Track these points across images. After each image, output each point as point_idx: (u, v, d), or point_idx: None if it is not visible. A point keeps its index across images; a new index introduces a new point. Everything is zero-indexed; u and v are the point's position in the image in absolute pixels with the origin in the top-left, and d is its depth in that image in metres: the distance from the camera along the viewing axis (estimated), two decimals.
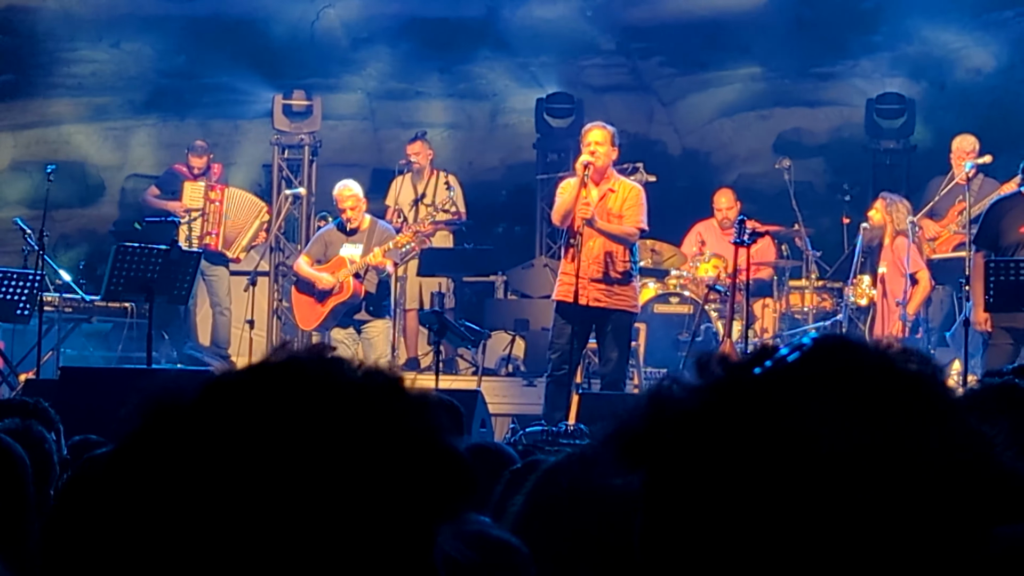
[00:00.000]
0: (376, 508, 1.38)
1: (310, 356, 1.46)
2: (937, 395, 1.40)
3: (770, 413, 1.36)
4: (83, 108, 19.11)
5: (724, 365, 1.42)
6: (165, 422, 1.41)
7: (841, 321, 14.56)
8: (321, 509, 1.36)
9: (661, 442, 1.39)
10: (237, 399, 1.41)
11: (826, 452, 1.33)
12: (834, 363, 1.39)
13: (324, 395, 1.41)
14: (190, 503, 1.36)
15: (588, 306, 11.52)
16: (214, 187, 15.83)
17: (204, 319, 16.03)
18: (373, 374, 1.45)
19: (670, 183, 16.67)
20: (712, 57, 18.85)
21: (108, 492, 1.41)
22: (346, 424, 1.39)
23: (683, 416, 1.39)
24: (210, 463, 1.37)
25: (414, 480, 1.40)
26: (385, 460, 1.39)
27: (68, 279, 14.78)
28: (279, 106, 16.87)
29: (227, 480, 1.36)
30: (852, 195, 16.09)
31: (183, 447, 1.39)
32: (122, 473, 1.41)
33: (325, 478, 1.36)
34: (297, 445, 1.37)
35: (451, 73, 19.30)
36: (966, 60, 18.14)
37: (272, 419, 1.38)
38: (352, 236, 14.00)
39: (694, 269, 14.54)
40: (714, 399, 1.39)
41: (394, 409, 1.43)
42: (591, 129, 11.86)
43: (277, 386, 1.42)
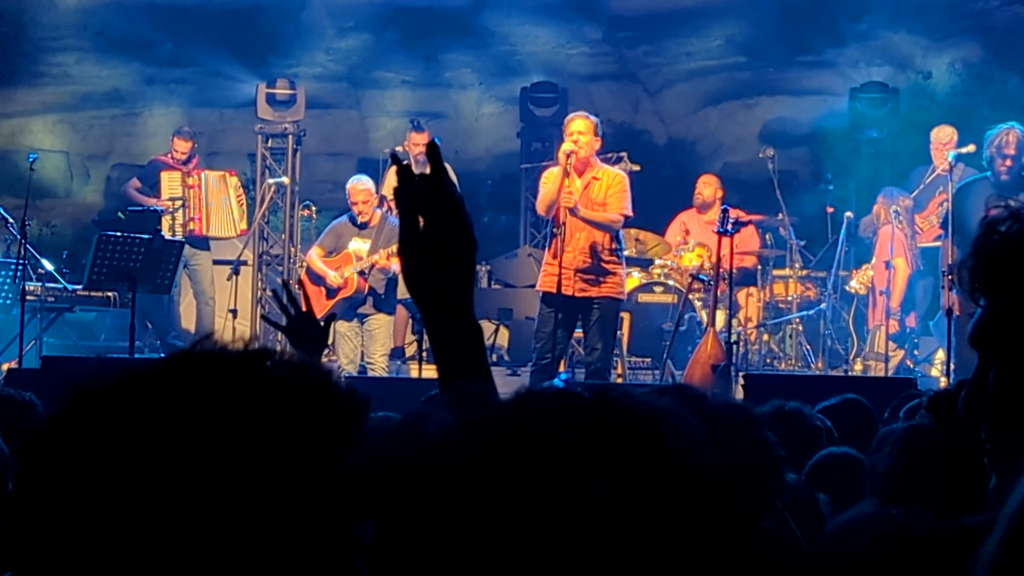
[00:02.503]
0: (288, 503, 1.39)
1: (243, 351, 1.47)
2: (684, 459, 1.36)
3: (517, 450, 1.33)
4: (67, 97, 19.07)
5: (480, 405, 1.38)
6: (82, 405, 1.43)
7: (825, 311, 14.58)
8: (234, 499, 1.37)
9: (401, 479, 1.36)
10: (159, 385, 1.43)
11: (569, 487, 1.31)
12: (592, 416, 1.36)
13: (247, 393, 1.42)
14: (106, 480, 1.37)
15: (574, 296, 11.51)
16: (191, 172, 15.80)
17: (187, 308, 16.00)
18: (304, 369, 1.46)
19: (655, 172, 16.68)
20: (698, 46, 18.85)
21: (30, 476, 1.42)
22: (267, 423, 1.40)
23: (427, 453, 1.35)
24: (123, 443, 1.38)
25: (328, 485, 1.40)
26: (301, 461, 1.40)
27: (51, 268, 14.74)
28: (263, 95, 16.81)
29: (140, 459, 1.37)
30: (836, 184, 16.10)
31: (97, 427, 1.40)
32: (41, 456, 1.42)
33: (238, 472, 1.38)
34: (210, 440, 1.39)
35: (436, 62, 19.28)
36: (950, 50, 18.15)
37: (181, 402, 1.40)
38: (363, 231, 14.07)
39: (678, 258, 14.54)
40: (464, 441, 1.35)
41: (315, 411, 1.43)
42: (574, 119, 11.85)
43: (190, 373, 1.43)
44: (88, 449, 1.39)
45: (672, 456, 1.35)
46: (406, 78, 19.34)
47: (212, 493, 1.37)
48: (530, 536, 1.29)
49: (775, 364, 14.72)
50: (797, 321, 14.76)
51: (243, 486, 1.38)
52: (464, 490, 1.31)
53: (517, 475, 1.30)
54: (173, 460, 1.37)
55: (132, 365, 1.46)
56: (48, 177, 17.19)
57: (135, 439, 1.38)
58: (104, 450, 1.39)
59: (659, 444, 1.35)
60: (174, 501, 1.36)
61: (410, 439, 1.36)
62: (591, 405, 1.37)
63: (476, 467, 1.32)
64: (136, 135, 19.01)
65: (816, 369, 14.34)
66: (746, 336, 14.36)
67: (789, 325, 14.86)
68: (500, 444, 1.33)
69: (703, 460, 1.37)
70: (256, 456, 1.38)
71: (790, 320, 14.80)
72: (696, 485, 1.35)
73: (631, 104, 19.41)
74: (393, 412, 4.35)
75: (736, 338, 12.69)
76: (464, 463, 1.32)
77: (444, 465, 1.33)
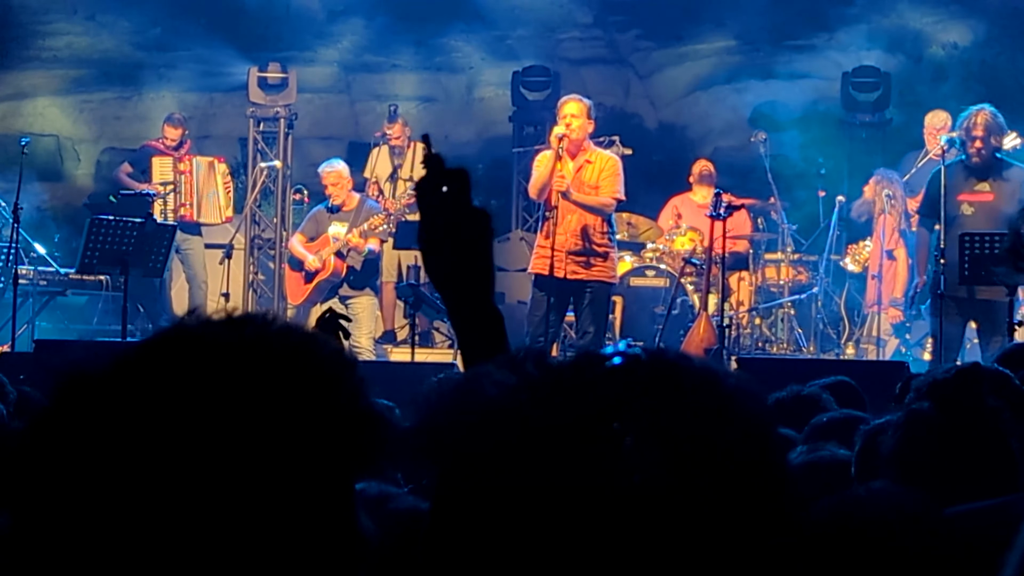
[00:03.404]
0: (291, 465, 1.39)
1: (220, 319, 1.48)
2: (741, 417, 1.38)
3: (565, 407, 1.34)
4: (58, 81, 19.04)
5: (539, 365, 1.39)
6: (75, 395, 1.43)
7: (816, 295, 14.61)
8: (237, 469, 1.38)
9: (462, 437, 1.37)
10: (148, 367, 1.42)
11: (606, 435, 1.32)
12: (650, 377, 1.37)
13: (232, 358, 1.43)
14: (104, 475, 1.37)
15: (566, 279, 11.52)
16: (182, 158, 15.79)
17: (179, 292, 15.99)
18: (289, 332, 1.47)
19: (646, 156, 16.68)
20: (688, 30, 18.84)
21: (25, 470, 1.42)
22: (257, 386, 1.41)
23: (489, 413, 1.37)
24: (121, 433, 1.38)
25: (327, 435, 1.41)
26: (298, 418, 1.41)
27: (43, 252, 14.74)
28: (254, 79, 16.80)
29: (139, 449, 1.37)
30: (827, 168, 16.11)
31: (94, 419, 1.40)
32: (37, 448, 1.42)
33: (238, 439, 1.38)
34: (207, 410, 1.39)
35: (427, 46, 19.25)
36: (942, 34, 18.16)
37: (183, 385, 1.40)
38: (338, 214, 14.12)
39: (670, 242, 14.56)
40: (524, 400, 1.36)
41: (306, 367, 1.44)
42: (566, 102, 11.84)
43: (188, 352, 1.43)
44: (86, 438, 1.39)
45: (730, 415, 1.37)
46: (396, 62, 19.31)
47: (208, 463, 1.37)
48: (581, 496, 1.31)
49: (767, 348, 14.74)
50: (789, 305, 14.78)
51: (239, 449, 1.38)
52: (520, 447, 1.33)
53: (570, 432, 1.32)
54: (169, 440, 1.37)
55: (120, 349, 1.46)
56: (39, 161, 17.15)
57: (131, 424, 1.38)
58: (101, 438, 1.38)
59: (717, 404, 1.37)
60: (174, 482, 1.36)
61: (469, 398, 1.38)
62: (648, 365, 1.38)
63: (532, 424, 1.34)
64: (126, 119, 18.97)
65: (808, 353, 14.36)
66: (738, 320, 14.38)
67: (781, 309, 14.89)
68: (556, 402, 1.35)
69: (762, 421, 1.39)
70: (247, 421, 1.39)
71: (782, 304, 14.82)
72: (753, 445, 1.37)
73: (622, 88, 19.41)
74: (384, 399, 4.31)
75: (728, 322, 12.71)
76: (521, 420, 1.34)
77: (501, 422, 1.35)
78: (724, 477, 1.33)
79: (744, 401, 1.39)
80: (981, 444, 3.33)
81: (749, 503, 1.34)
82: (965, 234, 10.84)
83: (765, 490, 1.36)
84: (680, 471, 1.32)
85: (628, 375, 1.37)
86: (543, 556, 1.31)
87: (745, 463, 1.35)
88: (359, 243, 13.90)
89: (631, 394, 1.35)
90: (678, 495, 1.32)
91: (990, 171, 11.38)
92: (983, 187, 11.33)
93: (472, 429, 1.36)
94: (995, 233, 10.89)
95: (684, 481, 1.32)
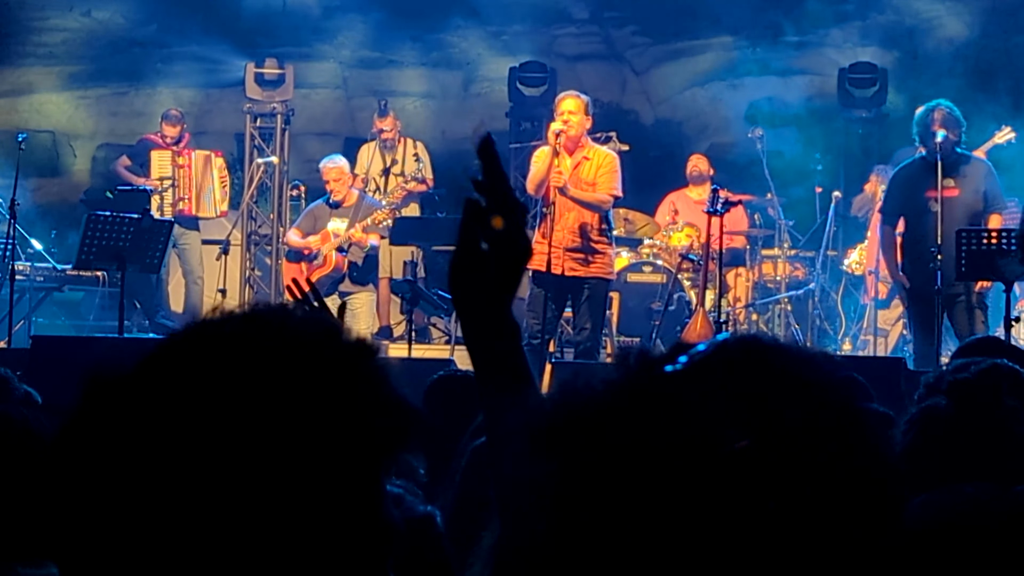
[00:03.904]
0: (319, 455, 1.41)
1: (242, 313, 1.49)
2: (839, 401, 1.41)
3: (676, 411, 1.38)
4: (54, 77, 19.02)
5: (640, 360, 1.43)
6: (104, 397, 1.44)
7: (814, 291, 14.62)
8: (269, 460, 1.39)
9: (573, 434, 1.40)
10: (174, 365, 1.44)
11: (726, 452, 1.35)
12: (743, 363, 1.41)
13: (257, 352, 1.44)
14: (137, 476, 1.38)
15: (563, 275, 11.51)
16: (181, 152, 15.79)
17: (176, 288, 16.00)
18: (311, 322, 1.48)
19: (643, 152, 16.67)
20: (685, 26, 18.84)
21: (59, 473, 1.43)
22: (282, 379, 1.42)
23: (595, 410, 1.41)
24: (150, 434, 1.39)
25: (353, 424, 1.43)
26: (324, 408, 1.42)
27: (39, 248, 14.74)
28: (251, 75, 16.80)
29: (169, 448, 1.39)
30: (824, 164, 16.12)
31: (124, 420, 1.41)
32: (69, 451, 1.43)
33: (265, 433, 1.40)
34: (234, 405, 1.40)
35: (423, 42, 19.25)
36: (938, 29, 18.16)
37: (210, 382, 1.41)
38: (338, 210, 14.16)
39: (667, 238, 14.57)
40: (626, 395, 1.40)
41: (333, 356, 1.45)
42: (564, 98, 11.83)
43: (213, 348, 1.44)
44: (117, 439, 1.40)
45: (828, 393, 1.41)
46: (393, 58, 19.31)
47: (236, 458, 1.39)
48: (683, 488, 1.35)
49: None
50: (786, 301, 14.79)
51: (266, 442, 1.39)
52: (624, 442, 1.37)
53: (669, 426, 1.37)
54: (199, 437, 1.39)
55: (144, 347, 1.47)
56: (36, 156, 17.14)
57: (160, 424, 1.39)
58: (131, 439, 1.40)
59: (814, 383, 1.41)
60: (205, 479, 1.38)
61: (578, 397, 1.43)
62: (741, 354, 1.43)
63: (634, 418, 1.38)
64: (123, 115, 18.96)
65: None
66: (735, 316, 14.38)
67: (778, 305, 14.89)
68: (654, 395, 1.40)
69: (856, 398, 1.43)
70: (274, 414, 1.40)
71: (779, 300, 14.83)
72: (855, 437, 1.40)
73: (618, 84, 19.41)
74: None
75: (725, 318, 12.71)
76: (623, 415, 1.39)
77: (606, 416, 1.40)
78: (833, 461, 1.37)
79: (841, 381, 1.43)
80: (997, 444, 3.33)
81: (859, 486, 1.38)
82: (962, 230, 10.84)
83: (874, 472, 1.40)
84: (791, 460, 1.36)
85: (723, 362, 1.41)
86: (658, 545, 1.35)
87: (849, 444, 1.39)
88: (362, 238, 13.95)
89: (719, 388, 1.39)
90: (792, 488, 1.35)
91: (953, 167, 11.39)
92: (948, 183, 11.34)
93: (580, 424, 1.40)
94: (992, 229, 10.92)
95: (798, 471, 1.36)
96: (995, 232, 10.80)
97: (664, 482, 1.35)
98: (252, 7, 18.73)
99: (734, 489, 1.34)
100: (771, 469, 1.35)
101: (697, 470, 1.35)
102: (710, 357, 1.42)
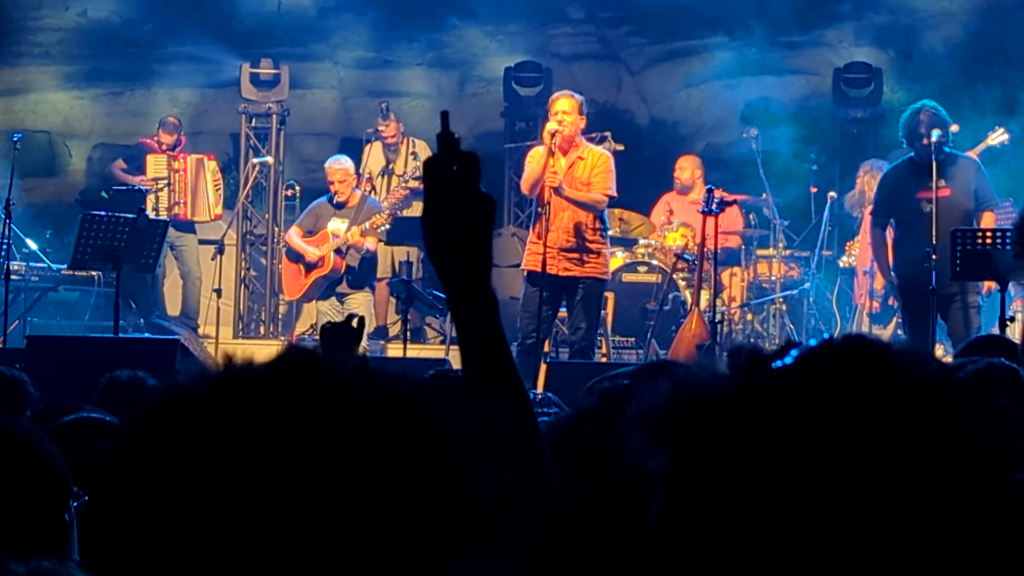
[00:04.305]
0: (383, 530, 1.37)
1: (337, 357, 1.45)
2: (945, 400, 1.46)
3: (785, 407, 1.44)
4: (49, 77, 19.01)
5: (750, 357, 1.50)
6: (177, 414, 1.41)
7: (809, 291, 14.62)
8: (326, 527, 1.35)
9: (691, 426, 1.46)
10: (253, 398, 1.40)
11: (833, 447, 1.41)
12: (848, 363, 1.47)
13: (341, 406, 1.40)
14: (195, 497, 1.36)
15: (558, 275, 11.52)
16: (177, 156, 15.79)
17: (171, 288, 16.00)
18: (398, 384, 1.45)
19: (638, 152, 16.69)
20: (680, 27, 18.84)
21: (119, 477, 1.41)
22: (361, 442, 1.38)
23: (712, 403, 1.47)
24: (218, 460, 1.36)
25: (417, 504, 1.39)
26: (400, 485, 1.39)
27: (35, 248, 14.73)
28: (247, 75, 16.80)
29: (236, 478, 1.35)
30: (819, 164, 16.13)
31: (192, 441, 1.38)
32: (132, 463, 1.40)
33: (333, 495, 1.36)
34: (306, 456, 1.36)
35: (419, 42, 19.25)
36: (933, 29, 18.17)
37: (286, 428, 1.37)
38: (340, 210, 14.18)
39: (662, 238, 14.57)
40: (741, 389, 1.47)
41: (413, 433, 1.42)
42: (558, 98, 11.84)
43: (296, 391, 1.40)
44: (193, 461, 1.37)
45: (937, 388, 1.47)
46: (388, 58, 19.30)
47: (290, 514, 1.35)
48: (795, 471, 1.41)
49: (759, 344, 14.72)
50: (781, 301, 14.79)
51: (323, 504, 1.36)
52: (743, 432, 1.44)
53: (783, 417, 1.44)
54: (257, 482, 1.35)
55: (216, 373, 1.43)
56: (31, 156, 17.13)
57: (220, 460, 1.36)
58: (211, 462, 1.36)
59: (922, 379, 1.47)
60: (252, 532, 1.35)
61: (694, 388, 1.49)
62: (848, 350, 1.49)
63: (751, 409, 1.45)
64: (118, 115, 18.95)
65: None
66: (730, 316, 14.40)
67: (773, 305, 14.89)
68: (767, 388, 1.46)
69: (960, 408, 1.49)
70: (340, 476, 1.36)
71: (774, 300, 14.83)
72: (956, 430, 1.46)
73: (614, 84, 19.41)
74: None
75: (720, 318, 12.72)
76: (742, 407, 1.46)
77: (725, 408, 1.46)
78: (937, 452, 1.43)
79: (941, 376, 1.50)
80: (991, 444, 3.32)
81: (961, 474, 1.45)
82: (957, 230, 10.85)
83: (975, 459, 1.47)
84: (898, 452, 1.42)
85: (831, 358, 1.48)
86: (773, 533, 1.41)
87: (949, 438, 1.45)
88: (358, 241, 13.97)
89: (827, 385, 1.45)
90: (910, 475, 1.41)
91: (942, 167, 11.39)
92: (939, 183, 11.35)
93: (696, 417, 1.47)
94: (986, 229, 10.93)
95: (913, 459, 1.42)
96: (990, 232, 10.81)
97: (780, 469, 1.41)
98: (248, 7, 18.73)
99: (844, 477, 1.40)
100: (880, 459, 1.40)
101: (810, 458, 1.41)
102: (818, 353, 1.48)
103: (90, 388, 6.54)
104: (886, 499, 1.40)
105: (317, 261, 14.09)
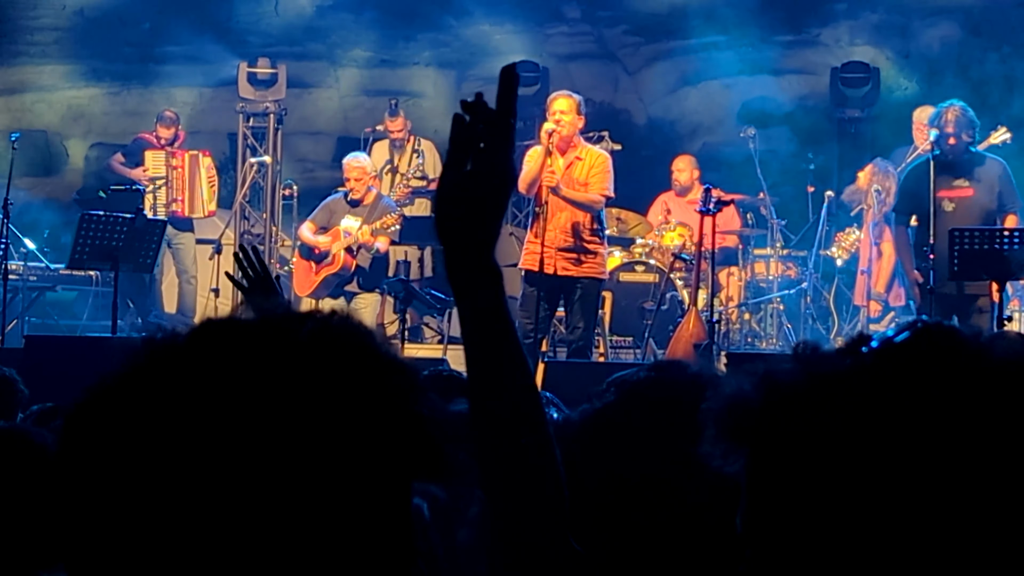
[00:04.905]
0: (350, 463, 1.40)
1: (278, 315, 1.48)
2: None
3: (866, 400, 1.44)
4: (47, 76, 19.01)
5: (813, 351, 1.51)
6: (159, 359, 1.44)
7: (806, 290, 14.62)
8: (298, 461, 1.38)
9: (773, 420, 1.47)
10: (195, 361, 1.43)
11: (914, 436, 1.41)
12: (929, 354, 1.47)
13: (287, 354, 1.42)
14: (179, 439, 1.38)
15: (556, 275, 11.52)
16: (175, 153, 15.80)
17: (169, 287, 16.00)
18: (345, 330, 1.47)
19: (635, 152, 16.69)
20: (677, 26, 18.84)
21: (103, 422, 1.42)
22: (310, 385, 1.41)
23: (794, 397, 1.47)
24: (200, 402, 1.39)
25: (378, 438, 1.42)
26: (350, 420, 1.41)
27: (32, 247, 14.73)
28: (244, 74, 16.80)
29: (217, 419, 1.38)
30: (816, 163, 16.13)
31: (175, 385, 1.41)
32: (118, 405, 1.43)
33: (303, 432, 1.38)
34: (280, 397, 1.39)
35: (416, 41, 19.25)
36: (931, 28, 18.17)
37: (260, 370, 1.40)
38: (355, 208, 14.16)
39: (659, 238, 14.58)
40: (822, 382, 1.47)
41: (370, 372, 1.44)
42: (556, 98, 11.83)
43: (243, 346, 1.43)
44: (176, 404, 1.40)
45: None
46: (385, 57, 19.30)
47: (257, 463, 1.38)
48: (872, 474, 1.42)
49: (756, 343, 14.76)
50: (778, 300, 14.80)
51: (287, 447, 1.39)
52: (826, 423, 1.44)
53: (863, 408, 1.44)
54: (218, 437, 1.38)
55: (164, 340, 1.47)
56: (28, 156, 17.12)
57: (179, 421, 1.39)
58: (194, 404, 1.39)
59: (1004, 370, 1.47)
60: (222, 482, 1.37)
61: (760, 384, 1.49)
62: (927, 338, 1.50)
63: (831, 401, 1.45)
64: (115, 114, 18.95)
65: None
66: (727, 315, 14.41)
67: (770, 304, 14.90)
68: (841, 381, 1.47)
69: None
70: (299, 419, 1.39)
71: (771, 299, 14.84)
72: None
73: (611, 84, 19.41)
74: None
75: (717, 317, 12.73)
76: (824, 398, 1.46)
77: (800, 401, 1.46)
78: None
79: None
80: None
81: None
82: (955, 229, 10.84)
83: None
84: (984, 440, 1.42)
85: (905, 355, 1.48)
86: (866, 526, 1.41)
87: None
88: (368, 240, 13.91)
89: (910, 376, 1.45)
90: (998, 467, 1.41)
91: (967, 166, 11.39)
92: (961, 183, 11.34)
93: (778, 410, 1.47)
94: (984, 229, 10.92)
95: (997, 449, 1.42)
96: (987, 231, 10.82)
97: (862, 458, 1.41)
98: (245, 6, 18.74)
99: (920, 481, 1.40)
100: (966, 448, 1.40)
101: (893, 447, 1.41)
102: (897, 343, 1.49)
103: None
104: (1009, 487, 1.40)
105: (326, 255, 14.07)
